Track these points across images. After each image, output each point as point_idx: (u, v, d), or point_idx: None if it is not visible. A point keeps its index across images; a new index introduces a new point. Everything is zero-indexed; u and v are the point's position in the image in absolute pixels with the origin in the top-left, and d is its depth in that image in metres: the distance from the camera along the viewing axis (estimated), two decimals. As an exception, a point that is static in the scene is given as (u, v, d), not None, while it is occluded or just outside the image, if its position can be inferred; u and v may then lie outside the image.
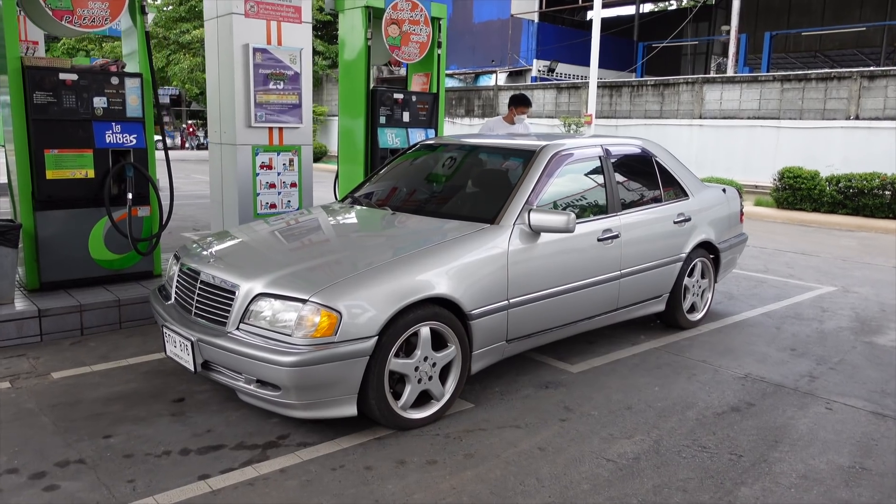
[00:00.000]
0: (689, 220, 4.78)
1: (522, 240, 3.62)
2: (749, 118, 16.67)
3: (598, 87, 18.69)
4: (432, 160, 4.69)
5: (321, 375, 2.87)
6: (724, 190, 5.44)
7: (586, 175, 4.31)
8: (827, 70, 16.39)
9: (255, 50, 5.32)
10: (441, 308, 3.22)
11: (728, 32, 22.49)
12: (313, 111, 25.56)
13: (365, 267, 3.13)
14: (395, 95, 6.45)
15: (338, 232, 3.98)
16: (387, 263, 3.18)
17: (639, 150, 4.81)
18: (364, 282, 3.03)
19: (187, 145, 32.61)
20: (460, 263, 3.34)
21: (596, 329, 4.40)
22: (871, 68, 15.52)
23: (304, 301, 2.91)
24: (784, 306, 5.70)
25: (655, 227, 4.55)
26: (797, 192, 12.18)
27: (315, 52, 26.75)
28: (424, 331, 3.17)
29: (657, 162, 4.83)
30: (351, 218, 4.14)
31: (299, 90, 5.61)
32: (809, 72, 16.29)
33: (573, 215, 3.55)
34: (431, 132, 6.71)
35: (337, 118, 6.36)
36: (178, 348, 3.23)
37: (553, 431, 3.24)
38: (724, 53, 24.16)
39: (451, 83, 27.25)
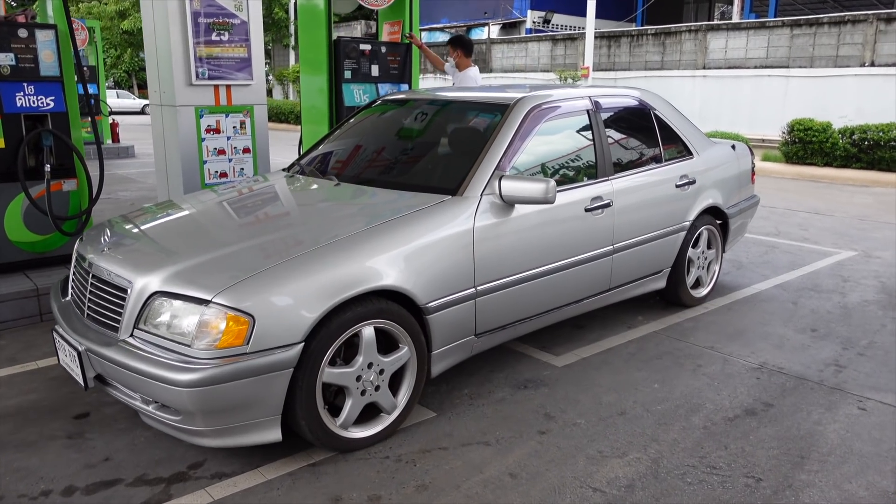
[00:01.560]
0: (693, 182, 4.13)
1: (492, 213, 2.99)
2: (756, 67, 15.78)
3: (596, 37, 17.78)
4: (390, 119, 4.01)
5: (231, 395, 2.28)
6: (733, 147, 4.77)
7: (571, 133, 3.65)
8: (840, 13, 15.42)
9: (193, -5, 4.60)
10: (389, 302, 2.61)
11: (733, -23, 21.37)
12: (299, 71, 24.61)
13: (289, 255, 2.51)
14: (362, 47, 5.73)
15: (266, 211, 3.30)
16: (316, 250, 2.55)
17: (635, 103, 4.13)
18: (286, 274, 2.41)
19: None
20: (412, 246, 2.71)
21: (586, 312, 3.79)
22: (889, 10, 14.57)
23: (205, 302, 2.30)
24: (800, 276, 5.08)
25: (654, 192, 3.90)
26: (808, 145, 11.44)
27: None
28: (367, 331, 2.56)
29: (656, 115, 4.15)
30: (288, 192, 3.48)
31: (248, 42, 4.89)
32: (821, 15, 15.33)
33: (553, 182, 2.90)
34: (404, 87, 6.00)
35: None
36: (68, 357, 2.63)
37: (529, 449, 2.65)
38: (729, 1, 23.00)
39: (442, 37, 26.17)
